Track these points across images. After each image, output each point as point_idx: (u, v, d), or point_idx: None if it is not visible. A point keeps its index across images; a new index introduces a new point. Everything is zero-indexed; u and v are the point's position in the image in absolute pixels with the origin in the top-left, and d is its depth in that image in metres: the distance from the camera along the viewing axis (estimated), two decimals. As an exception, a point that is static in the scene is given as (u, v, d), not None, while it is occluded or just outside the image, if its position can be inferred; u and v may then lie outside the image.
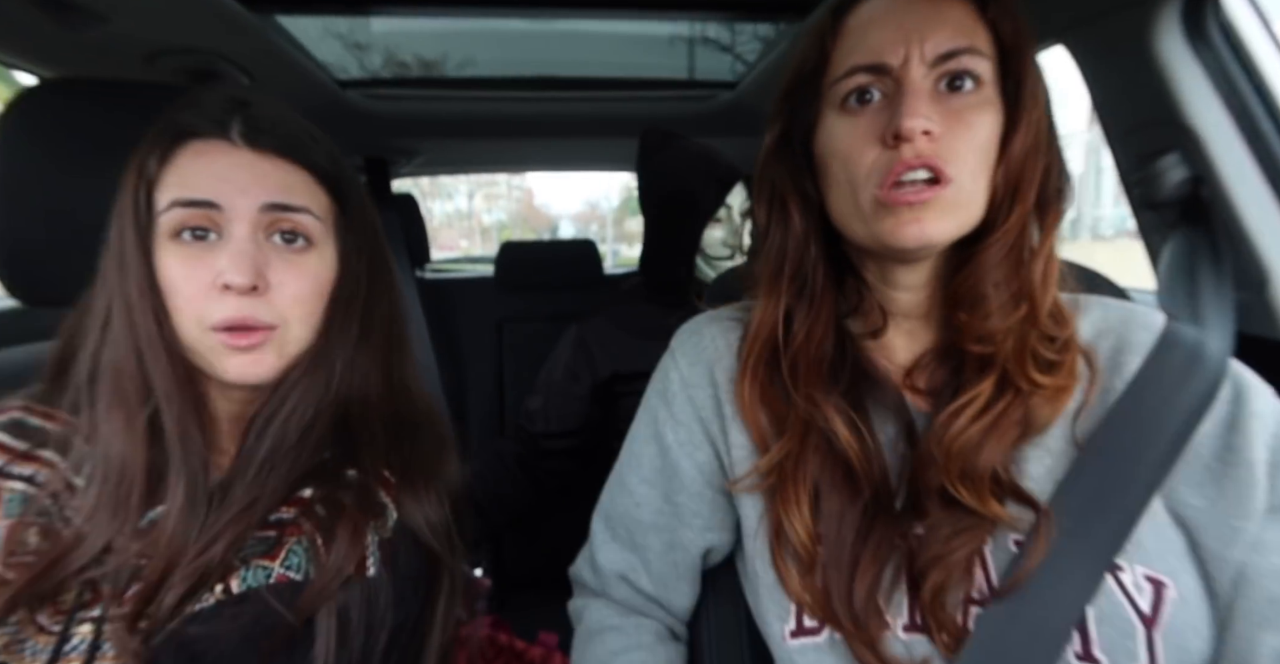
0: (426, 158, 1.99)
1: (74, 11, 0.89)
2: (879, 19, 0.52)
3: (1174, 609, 0.48)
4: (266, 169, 0.58)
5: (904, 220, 0.49)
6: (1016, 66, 0.51)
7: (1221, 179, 0.80)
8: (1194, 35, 0.81)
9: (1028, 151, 0.51)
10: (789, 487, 0.55)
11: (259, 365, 0.57)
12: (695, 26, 1.37)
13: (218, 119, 0.57)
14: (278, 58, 1.21)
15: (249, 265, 0.55)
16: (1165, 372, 0.53)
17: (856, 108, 0.52)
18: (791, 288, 0.58)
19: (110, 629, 0.52)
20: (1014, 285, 0.53)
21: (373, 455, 0.63)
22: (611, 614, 0.67)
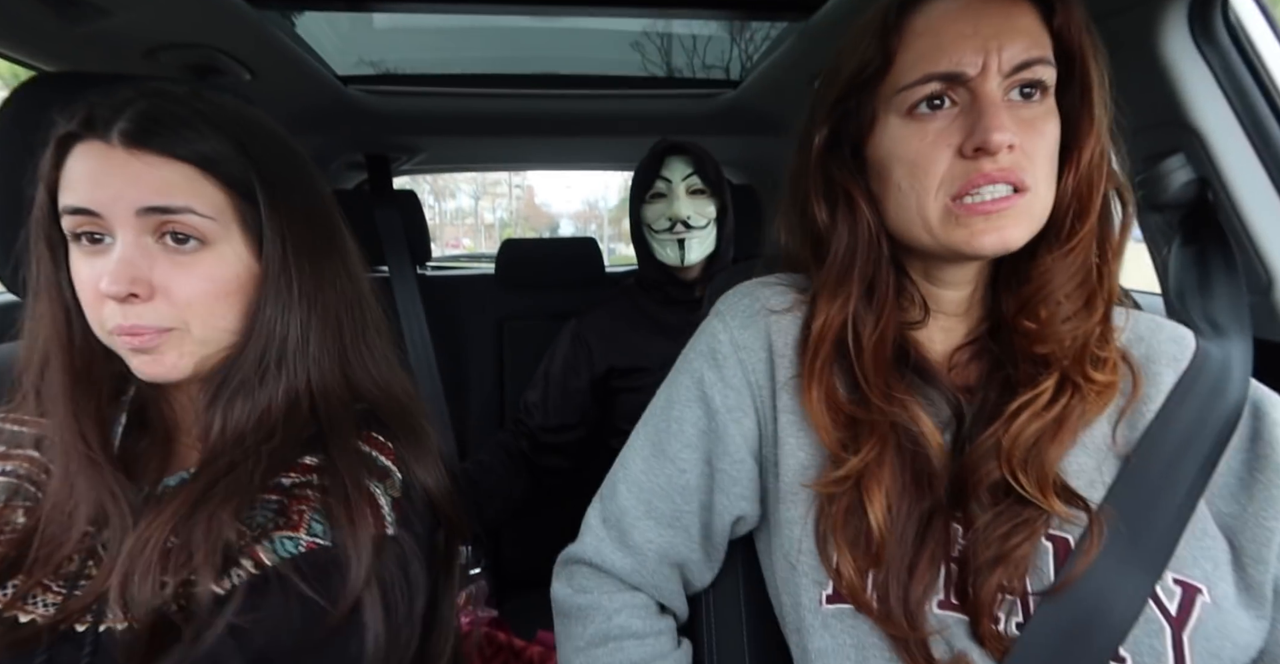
0: (428, 155, 1.98)
1: (75, 5, 0.89)
2: (952, 24, 0.51)
3: (1205, 613, 0.49)
4: (139, 169, 0.55)
5: (980, 229, 0.50)
6: (1082, 74, 0.52)
7: (1227, 181, 0.80)
8: (1201, 35, 0.80)
9: (1095, 160, 0.52)
10: (871, 487, 0.54)
11: (158, 365, 0.57)
12: (698, 25, 1.37)
13: (101, 119, 0.55)
14: (279, 53, 1.21)
15: (125, 274, 0.54)
16: (1199, 386, 0.55)
17: (926, 114, 0.52)
18: (861, 287, 0.58)
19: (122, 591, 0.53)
20: (1085, 293, 0.54)
21: (348, 434, 0.61)
22: (635, 617, 0.63)
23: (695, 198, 1.33)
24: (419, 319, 1.59)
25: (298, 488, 0.59)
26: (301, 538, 0.56)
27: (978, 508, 0.53)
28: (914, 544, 0.53)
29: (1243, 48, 0.80)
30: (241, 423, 0.58)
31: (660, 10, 1.18)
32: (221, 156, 0.58)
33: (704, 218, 1.32)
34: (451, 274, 2.11)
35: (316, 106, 1.50)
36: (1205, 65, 0.80)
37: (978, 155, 0.49)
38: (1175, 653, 0.48)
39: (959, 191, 0.50)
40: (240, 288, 0.59)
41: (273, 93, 1.33)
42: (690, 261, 1.33)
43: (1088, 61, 0.52)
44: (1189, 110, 0.81)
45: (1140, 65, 0.84)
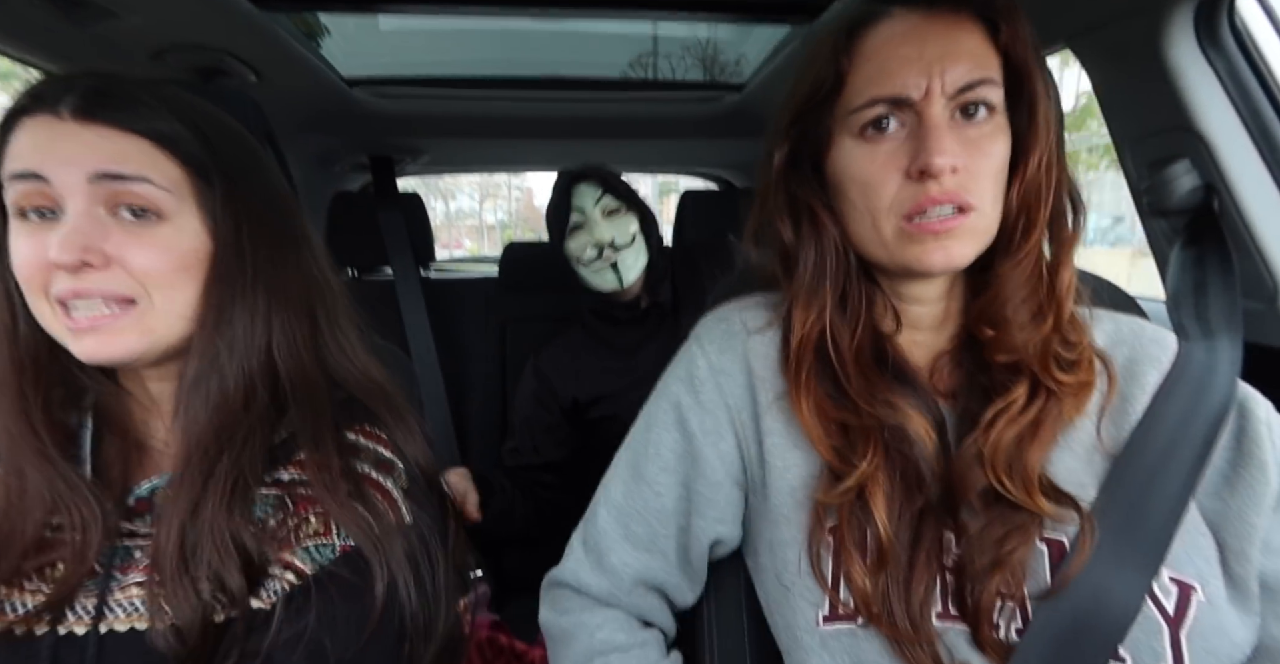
0: (432, 157, 1.99)
1: (83, 7, 0.89)
2: (897, 47, 0.52)
3: (1201, 612, 0.49)
4: (91, 138, 0.54)
5: (930, 248, 0.52)
6: (1028, 90, 0.53)
7: (1233, 187, 0.80)
8: (1207, 41, 0.80)
9: (1040, 173, 0.53)
10: (875, 491, 0.54)
11: (114, 346, 0.54)
12: (703, 28, 1.37)
13: (51, 95, 0.54)
14: (285, 56, 1.21)
15: (76, 241, 0.52)
16: (1183, 386, 0.56)
17: (875, 136, 0.53)
18: (834, 297, 0.59)
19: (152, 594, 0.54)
20: (1036, 301, 0.55)
21: (328, 423, 0.61)
22: (618, 631, 0.64)
23: (613, 218, 1.31)
24: (422, 321, 1.60)
25: (299, 485, 0.59)
26: (335, 543, 0.57)
27: (969, 515, 0.53)
28: (909, 546, 0.53)
29: (1249, 53, 0.80)
30: (216, 409, 0.57)
31: (665, 13, 1.18)
32: (178, 135, 0.56)
33: (627, 235, 1.30)
34: (454, 277, 2.11)
35: (322, 108, 1.50)
36: (1211, 71, 0.80)
37: (922, 178, 0.51)
38: (1174, 652, 0.48)
39: (908, 212, 0.52)
40: (198, 263, 0.57)
41: (278, 95, 1.33)
42: (629, 282, 1.30)
43: (1034, 77, 0.52)
44: (1195, 116, 0.81)
45: (1146, 71, 0.83)
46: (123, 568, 0.56)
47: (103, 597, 0.55)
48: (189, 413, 0.57)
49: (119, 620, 0.54)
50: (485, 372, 1.76)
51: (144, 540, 0.57)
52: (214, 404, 0.57)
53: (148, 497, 0.58)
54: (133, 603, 0.55)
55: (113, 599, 0.55)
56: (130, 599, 0.55)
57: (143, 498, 0.58)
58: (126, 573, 0.56)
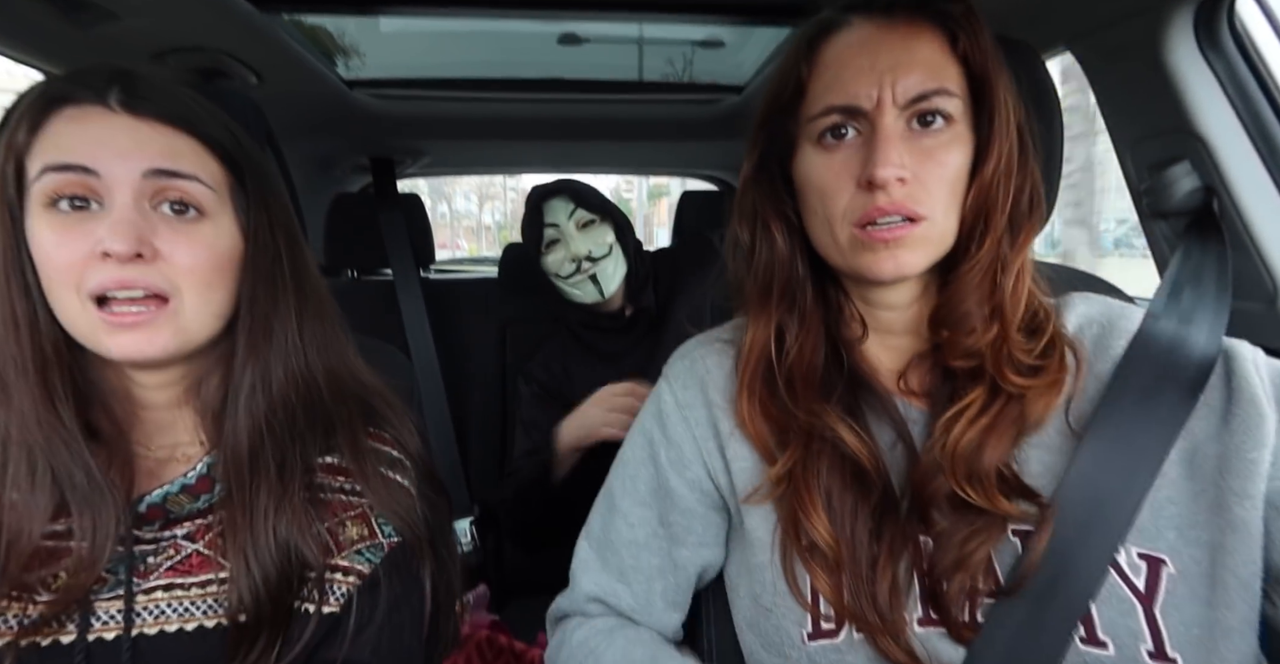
0: (433, 158, 1.99)
1: (84, 9, 0.90)
2: (852, 56, 0.53)
3: (1172, 584, 0.49)
4: (148, 134, 0.54)
5: (881, 256, 0.53)
6: (988, 97, 0.53)
7: (1233, 189, 0.80)
8: (1206, 42, 0.80)
9: (997, 179, 0.53)
10: (803, 492, 0.56)
11: (152, 344, 0.54)
12: (702, 30, 1.37)
13: (94, 86, 0.54)
14: (286, 57, 1.21)
15: (131, 232, 0.52)
16: (1153, 349, 0.55)
17: (833, 143, 0.54)
18: (782, 305, 0.60)
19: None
20: (990, 304, 0.55)
21: (358, 426, 0.64)
22: (599, 623, 0.65)
23: (588, 231, 1.29)
24: (422, 322, 1.60)
25: (329, 491, 0.61)
26: (381, 541, 0.61)
27: (940, 518, 0.54)
28: (870, 543, 0.54)
29: (1249, 55, 0.80)
30: (265, 415, 0.58)
31: (665, 16, 1.19)
32: (221, 135, 0.58)
33: (604, 246, 1.29)
34: (454, 277, 2.12)
35: (322, 110, 1.50)
36: (1211, 72, 0.80)
37: (871, 188, 0.51)
38: (1150, 629, 0.48)
39: (858, 221, 0.52)
40: (231, 264, 0.58)
41: (279, 96, 1.34)
42: (610, 292, 1.30)
43: (994, 85, 0.52)
44: (1194, 118, 0.81)
45: (1146, 73, 0.84)
46: (143, 574, 0.56)
47: (128, 602, 0.55)
48: (238, 418, 0.58)
49: (148, 624, 0.55)
50: (485, 372, 1.76)
51: (152, 546, 0.58)
52: (263, 409, 0.58)
53: (160, 503, 0.58)
54: (159, 607, 0.56)
55: (138, 604, 0.55)
56: (156, 603, 0.56)
57: (155, 505, 0.58)
58: (147, 578, 0.56)
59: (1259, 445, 0.49)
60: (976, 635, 0.51)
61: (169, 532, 0.58)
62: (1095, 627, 0.49)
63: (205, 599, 0.57)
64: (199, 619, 0.56)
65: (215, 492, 0.59)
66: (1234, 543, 0.48)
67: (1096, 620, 0.49)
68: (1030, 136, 0.55)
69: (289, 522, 0.57)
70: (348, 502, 0.61)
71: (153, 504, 0.57)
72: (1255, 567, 0.47)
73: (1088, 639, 0.49)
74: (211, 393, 0.60)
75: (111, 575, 0.56)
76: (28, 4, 0.86)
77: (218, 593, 0.57)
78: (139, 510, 0.57)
